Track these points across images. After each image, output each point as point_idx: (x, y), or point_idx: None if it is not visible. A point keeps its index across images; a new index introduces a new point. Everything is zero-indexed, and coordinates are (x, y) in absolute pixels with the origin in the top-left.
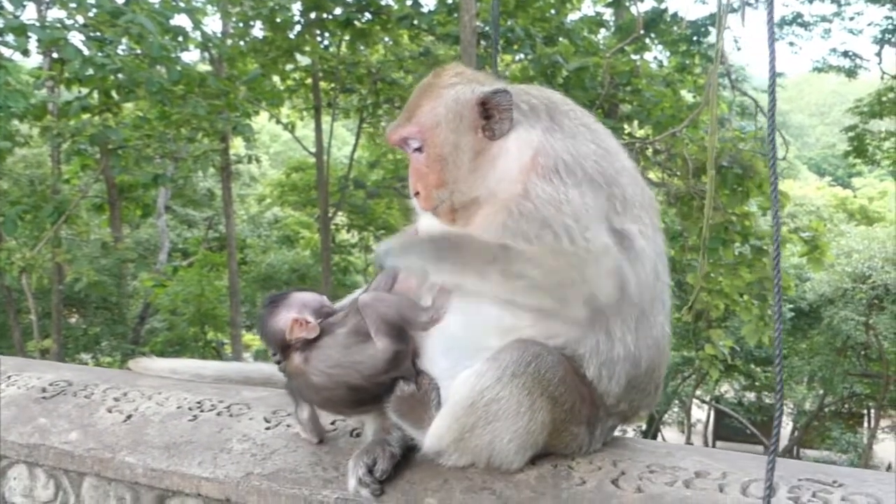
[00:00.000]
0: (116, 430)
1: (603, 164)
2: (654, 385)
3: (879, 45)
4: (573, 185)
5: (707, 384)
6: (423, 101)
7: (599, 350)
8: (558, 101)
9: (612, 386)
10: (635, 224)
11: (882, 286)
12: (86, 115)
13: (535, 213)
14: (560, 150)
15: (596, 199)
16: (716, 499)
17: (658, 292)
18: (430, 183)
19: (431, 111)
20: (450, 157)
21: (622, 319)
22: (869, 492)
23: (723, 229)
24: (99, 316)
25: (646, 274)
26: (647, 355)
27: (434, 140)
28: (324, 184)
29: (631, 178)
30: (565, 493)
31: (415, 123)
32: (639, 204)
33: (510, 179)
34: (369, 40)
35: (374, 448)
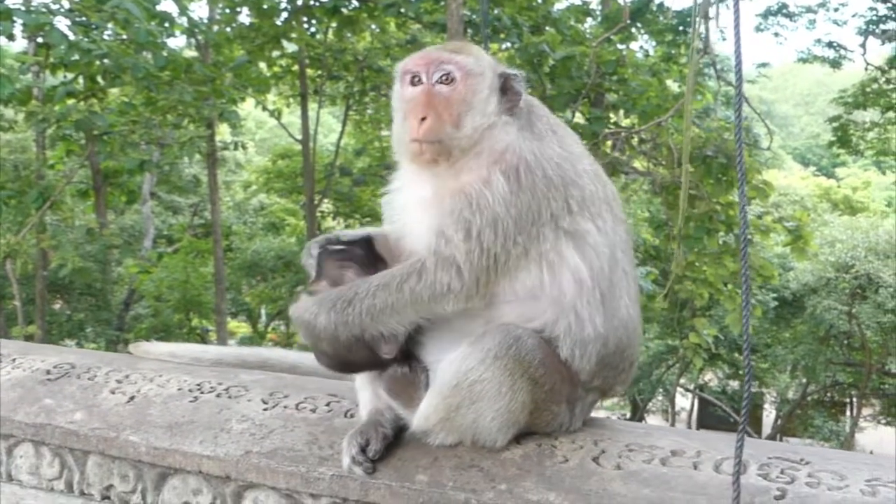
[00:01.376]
0: (120, 411)
1: (564, 167)
2: (628, 362)
3: (863, 36)
4: (528, 186)
5: (691, 372)
6: (469, 51)
7: (572, 331)
8: (535, 105)
9: (585, 364)
10: (592, 221)
11: (865, 276)
12: (71, 100)
13: (489, 207)
14: (526, 151)
15: (548, 202)
16: (690, 475)
17: (618, 278)
18: (445, 116)
19: (477, 61)
20: (476, 104)
21: (586, 302)
22: (834, 469)
23: (707, 218)
24: (83, 302)
25: (600, 264)
26: (615, 335)
27: (472, 82)
28: (310, 171)
29: (591, 179)
30: (549, 470)
31: (460, 59)
32: (599, 200)
33: (480, 163)
34: (356, 27)
35: (368, 429)
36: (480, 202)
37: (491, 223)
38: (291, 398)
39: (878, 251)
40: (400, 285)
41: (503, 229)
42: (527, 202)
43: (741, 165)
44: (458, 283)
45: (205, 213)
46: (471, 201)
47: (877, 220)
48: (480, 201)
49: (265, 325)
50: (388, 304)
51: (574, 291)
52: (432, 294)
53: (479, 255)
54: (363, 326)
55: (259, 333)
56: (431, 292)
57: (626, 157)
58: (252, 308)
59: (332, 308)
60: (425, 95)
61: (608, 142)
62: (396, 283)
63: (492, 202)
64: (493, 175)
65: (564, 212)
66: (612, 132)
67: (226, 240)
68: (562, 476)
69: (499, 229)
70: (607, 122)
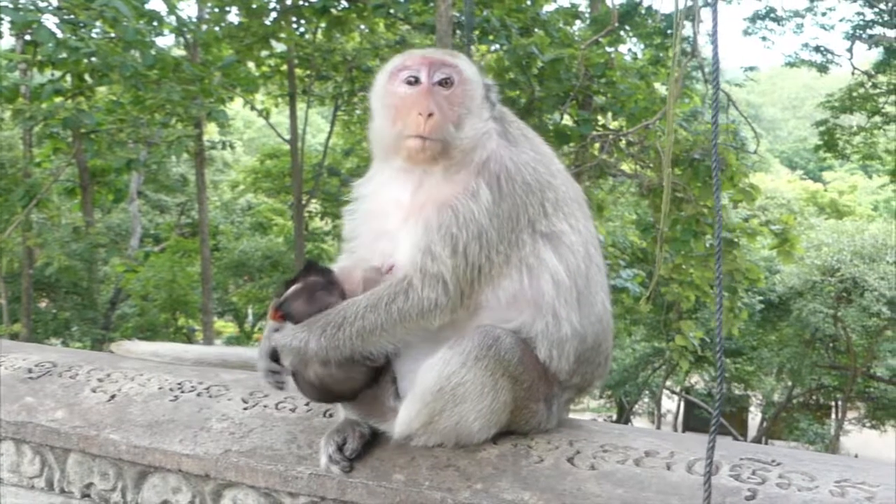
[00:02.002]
0: (101, 409)
1: (539, 170)
2: (604, 357)
3: (851, 40)
4: (509, 194)
5: (677, 375)
6: (459, 57)
7: (549, 332)
8: (504, 110)
9: (563, 363)
10: (566, 221)
11: (850, 279)
12: (58, 98)
13: (474, 220)
14: (507, 159)
15: (526, 207)
16: (663, 476)
17: (593, 274)
18: (446, 116)
19: (470, 66)
20: (473, 111)
21: (564, 302)
22: (804, 470)
23: (694, 221)
24: (69, 301)
25: (576, 262)
26: (592, 331)
27: (469, 86)
28: (298, 171)
29: (563, 179)
30: (525, 470)
31: (457, 63)
32: (570, 200)
33: (468, 172)
34: (345, 28)
35: (345, 428)
36: (466, 216)
37: (476, 236)
38: (271, 398)
39: (863, 255)
40: (388, 305)
41: (487, 240)
42: (507, 210)
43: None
44: (444, 298)
45: (192, 213)
46: (457, 215)
47: (863, 224)
48: (466, 215)
49: (252, 325)
50: (377, 324)
51: (552, 292)
52: (420, 311)
53: (465, 269)
54: (353, 348)
55: (245, 333)
56: (419, 309)
57: (613, 160)
58: (239, 308)
59: (323, 333)
60: (427, 93)
61: (596, 144)
62: (384, 304)
63: (477, 215)
64: (479, 186)
65: (540, 215)
66: (599, 134)
67: (213, 239)
68: (537, 476)
69: (483, 241)
70: (595, 125)
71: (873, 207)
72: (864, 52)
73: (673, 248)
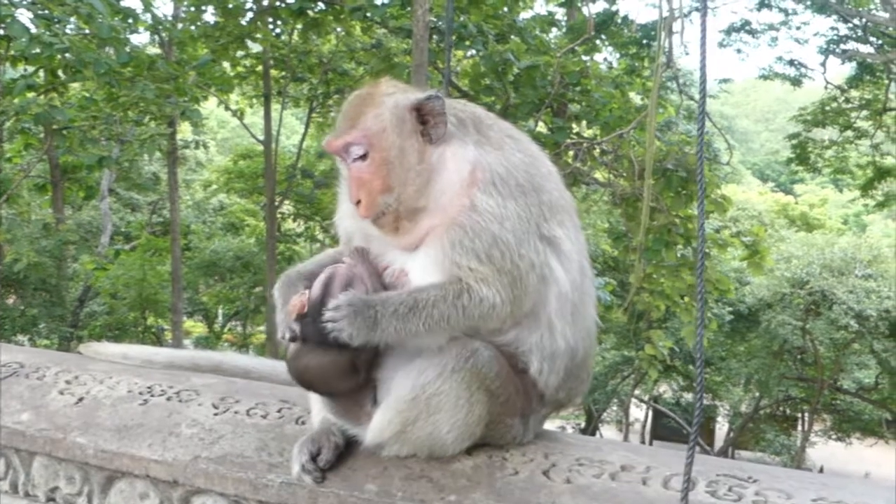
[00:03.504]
0: (68, 412)
1: (531, 172)
2: (587, 373)
3: (824, 55)
4: (509, 196)
5: (646, 384)
6: (366, 109)
7: (543, 345)
8: (482, 115)
9: (552, 378)
10: (561, 228)
11: (819, 292)
12: (31, 93)
13: (485, 229)
14: (493, 163)
15: (528, 209)
16: (639, 491)
17: (586, 287)
18: (374, 189)
19: (376, 117)
20: (396, 160)
21: (561, 315)
22: (781, 487)
23: (666, 231)
24: (37, 298)
25: (574, 273)
26: (583, 346)
27: (381, 144)
28: (271, 172)
29: (555, 183)
30: (499, 482)
31: (360, 129)
32: (561, 207)
33: (454, 193)
34: (321, 30)
35: (320, 437)
36: (475, 227)
37: (493, 242)
38: (243, 403)
39: (832, 268)
40: (455, 300)
41: (506, 245)
42: (514, 211)
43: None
44: (499, 298)
45: (164, 212)
46: (465, 229)
47: (832, 238)
48: (475, 226)
49: (222, 326)
50: (444, 316)
51: (556, 306)
52: (481, 312)
53: (497, 275)
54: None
55: (215, 333)
56: (481, 309)
57: (587, 168)
58: (209, 308)
59: (396, 311)
60: (350, 176)
61: (570, 152)
62: (452, 298)
63: (486, 223)
64: (474, 198)
65: (542, 219)
66: (574, 143)
67: (184, 239)
68: (511, 489)
69: (502, 247)
70: (570, 133)
71: (843, 221)
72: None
73: (644, 258)
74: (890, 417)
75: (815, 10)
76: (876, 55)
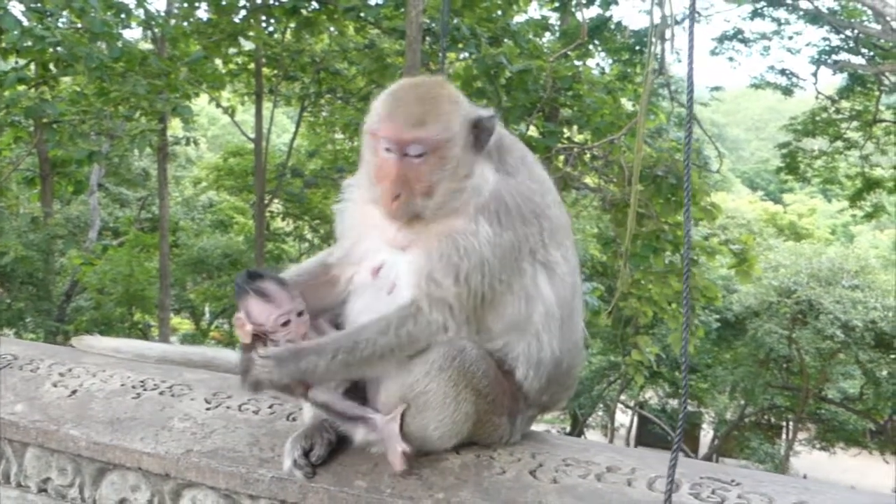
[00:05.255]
0: (61, 404)
1: (536, 200)
2: (573, 379)
3: (816, 65)
4: (509, 226)
5: (632, 389)
6: (437, 111)
7: (530, 354)
8: (503, 136)
9: (535, 383)
10: (559, 250)
11: (806, 301)
12: (22, 86)
13: (476, 251)
14: (505, 193)
15: (526, 238)
16: (624, 492)
17: (577, 304)
18: (417, 190)
19: (447, 125)
20: (450, 170)
21: (549, 328)
22: (763, 491)
23: (654, 237)
24: (24, 291)
25: (565, 292)
26: (568, 357)
27: (445, 152)
28: (261, 170)
29: (557, 206)
30: (486, 481)
31: (430, 131)
32: (561, 228)
33: (465, 211)
34: (315, 29)
35: (313, 433)
36: (468, 248)
37: (478, 266)
38: (235, 399)
39: (820, 278)
40: (398, 329)
41: (489, 269)
42: (509, 241)
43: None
44: (451, 322)
45: (153, 208)
46: (458, 247)
47: (820, 248)
48: (468, 246)
49: (209, 323)
50: (388, 348)
51: (542, 320)
52: (429, 334)
53: (468, 296)
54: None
55: (202, 331)
56: (428, 333)
57: (577, 173)
58: (196, 305)
59: (334, 358)
60: (397, 170)
61: (560, 157)
62: (394, 328)
63: (478, 247)
64: (478, 223)
65: (539, 245)
66: (564, 147)
67: (172, 235)
68: (499, 487)
69: (485, 270)
70: (561, 137)
71: (831, 231)
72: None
73: (633, 264)
74: (874, 428)
75: (808, 20)
76: (867, 66)
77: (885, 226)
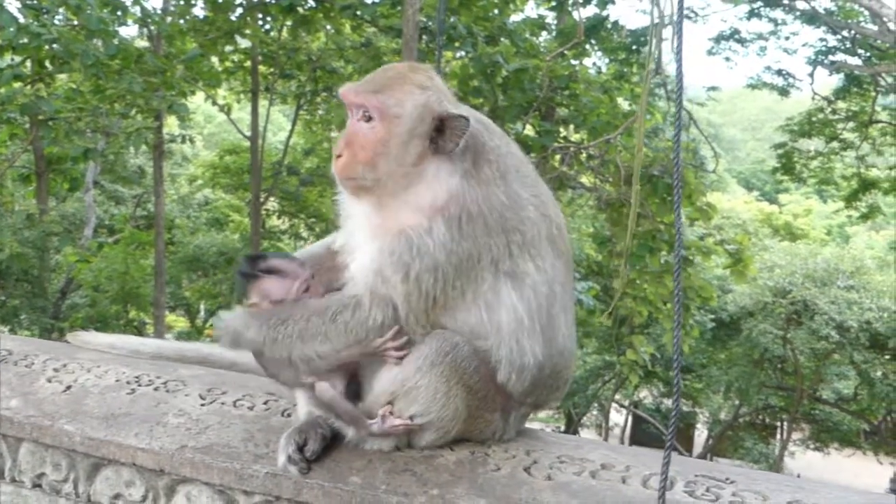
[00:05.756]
0: (56, 400)
1: (507, 216)
2: (562, 381)
3: (812, 66)
4: (469, 235)
5: (626, 389)
6: (396, 87)
7: (512, 359)
8: (489, 147)
9: (518, 386)
10: (532, 262)
11: (801, 302)
12: (17, 83)
13: (429, 253)
14: (469, 200)
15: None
16: (618, 489)
17: (556, 311)
18: (358, 157)
19: (400, 100)
20: (394, 149)
21: (529, 334)
22: (758, 489)
23: (650, 237)
24: (19, 288)
25: (538, 302)
26: (551, 363)
27: (390, 126)
28: (257, 168)
29: (533, 223)
30: (481, 477)
31: (381, 100)
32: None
33: (420, 209)
34: (311, 27)
35: (307, 428)
36: (421, 248)
37: (430, 269)
38: (229, 395)
39: (815, 278)
40: (334, 316)
41: (442, 274)
42: (467, 250)
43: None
44: (392, 321)
45: (148, 205)
46: (411, 245)
47: (816, 248)
48: (421, 247)
49: (204, 321)
50: (319, 331)
51: (514, 327)
52: (366, 329)
53: (418, 298)
54: (291, 347)
55: (197, 329)
56: (366, 327)
57: (573, 172)
58: (191, 303)
59: (265, 323)
60: (349, 131)
61: (557, 156)
62: (331, 314)
63: (432, 249)
64: (434, 223)
65: (505, 256)
66: (561, 146)
67: (168, 233)
68: (493, 484)
69: (438, 275)
70: (557, 137)
71: (827, 232)
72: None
73: (628, 263)
74: (868, 428)
75: (805, 21)
76: (863, 67)
77: (880, 227)
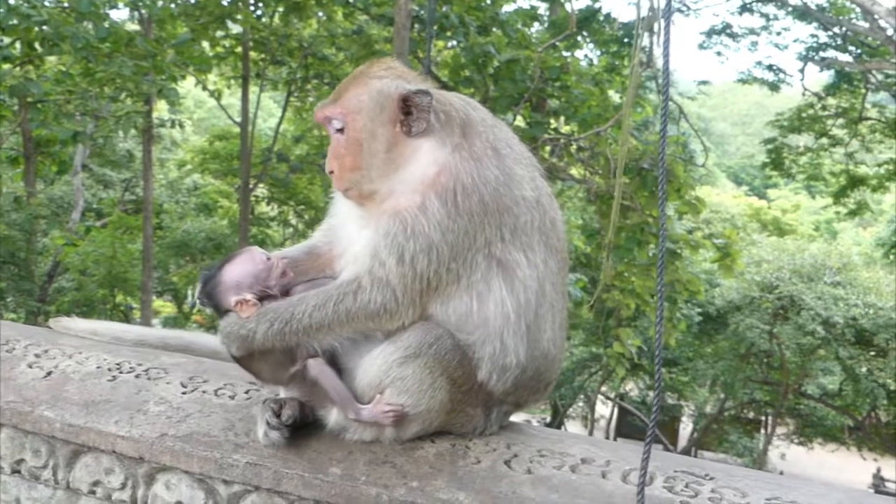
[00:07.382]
0: (36, 385)
1: (501, 191)
2: (544, 384)
3: (803, 61)
4: (465, 211)
5: (613, 381)
6: (351, 87)
7: (495, 358)
8: (475, 120)
9: (499, 386)
10: (523, 252)
11: (788, 297)
12: (6, 65)
13: (424, 233)
14: (462, 173)
15: (483, 227)
16: (598, 484)
17: (544, 311)
18: (345, 165)
19: (356, 97)
20: (366, 143)
21: (514, 334)
22: (737, 486)
23: (639, 230)
24: (6, 271)
25: (527, 298)
26: (534, 365)
27: (354, 124)
28: (247, 154)
29: (528, 207)
30: (461, 470)
31: (340, 105)
32: (532, 230)
33: (412, 188)
34: (303, 14)
35: (282, 399)
36: (416, 228)
37: (425, 249)
38: (211, 383)
39: (802, 274)
40: (336, 305)
41: (437, 255)
42: (463, 227)
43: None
44: (393, 303)
45: (137, 190)
46: (406, 226)
47: (803, 244)
48: (416, 227)
49: (191, 307)
50: (324, 322)
51: (500, 323)
52: (368, 313)
53: (413, 279)
54: (300, 343)
55: (184, 314)
56: (367, 312)
57: (563, 164)
58: (178, 288)
59: (271, 327)
60: (332, 147)
61: (547, 147)
62: (333, 303)
63: (427, 229)
64: (427, 200)
65: (497, 238)
66: (551, 138)
67: (156, 218)
68: (473, 477)
69: (433, 256)
70: (547, 128)
71: (815, 228)
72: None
73: (616, 256)
74: (852, 424)
75: (796, 16)
76: (854, 64)
77: (868, 223)
